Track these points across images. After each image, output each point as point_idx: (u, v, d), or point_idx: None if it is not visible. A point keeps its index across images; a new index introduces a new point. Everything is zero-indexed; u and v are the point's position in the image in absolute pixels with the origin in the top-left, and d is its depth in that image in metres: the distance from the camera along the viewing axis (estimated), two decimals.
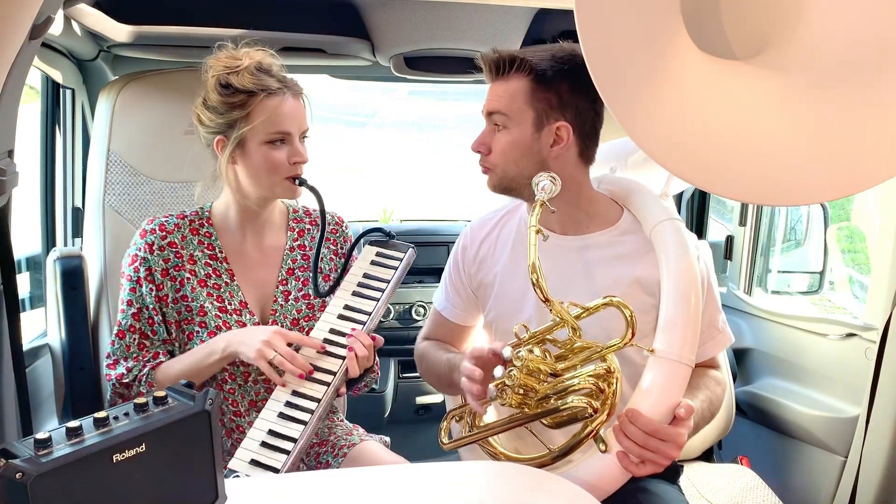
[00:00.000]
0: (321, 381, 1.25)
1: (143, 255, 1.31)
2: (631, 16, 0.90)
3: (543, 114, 1.24)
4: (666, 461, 1.08)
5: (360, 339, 1.27)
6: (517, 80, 1.25)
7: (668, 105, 0.91)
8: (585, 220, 1.33)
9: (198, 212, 1.39)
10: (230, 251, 1.38)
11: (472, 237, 1.44)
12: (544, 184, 1.17)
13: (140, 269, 1.31)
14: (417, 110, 6.64)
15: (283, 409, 1.23)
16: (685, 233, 1.27)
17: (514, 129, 1.26)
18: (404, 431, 2.27)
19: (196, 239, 1.36)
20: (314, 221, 1.47)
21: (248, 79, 1.26)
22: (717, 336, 1.32)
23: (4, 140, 1.06)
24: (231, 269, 1.36)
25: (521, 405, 1.13)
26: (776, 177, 0.93)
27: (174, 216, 1.37)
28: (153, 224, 1.34)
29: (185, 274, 1.33)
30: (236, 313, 1.34)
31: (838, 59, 0.95)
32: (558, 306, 1.11)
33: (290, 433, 1.20)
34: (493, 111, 1.27)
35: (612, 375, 1.10)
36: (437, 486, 1.03)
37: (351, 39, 1.90)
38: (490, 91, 1.29)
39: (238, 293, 1.36)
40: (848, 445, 1.70)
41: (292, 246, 1.43)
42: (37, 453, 0.72)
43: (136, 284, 1.31)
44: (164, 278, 1.32)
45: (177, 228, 1.35)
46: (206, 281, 1.34)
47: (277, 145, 1.28)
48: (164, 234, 1.33)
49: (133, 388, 1.30)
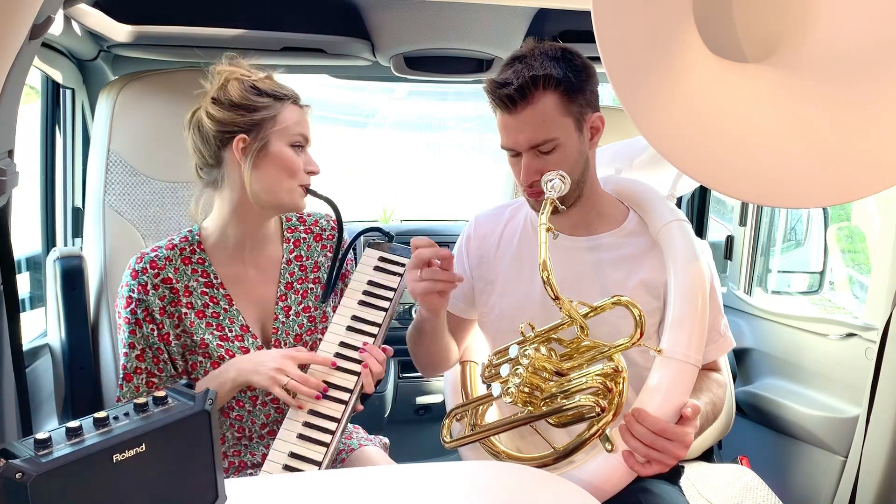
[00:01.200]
0: (338, 400, 1.22)
1: (138, 297, 1.26)
2: (645, 19, 0.91)
3: (580, 115, 1.22)
4: (672, 461, 1.08)
5: (373, 353, 1.24)
6: (544, 98, 1.18)
7: (679, 105, 0.92)
8: (596, 220, 1.32)
9: (187, 237, 1.33)
10: (226, 275, 1.33)
11: (476, 230, 1.43)
12: (554, 182, 1.17)
13: (137, 311, 1.26)
14: (417, 110, 6.64)
15: (301, 429, 1.20)
16: (692, 234, 1.27)
17: (564, 145, 1.21)
18: (404, 431, 2.27)
19: (189, 268, 1.31)
20: (309, 229, 1.44)
21: (271, 84, 1.28)
22: (718, 340, 1.32)
23: (4, 140, 1.06)
24: (228, 295, 1.32)
25: (527, 403, 1.13)
26: (785, 178, 0.94)
27: (163, 248, 1.30)
28: (143, 263, 1.27)
29: (182, 309, 1.29)
30: (238, 339, 1.31)
31: (848, 62, 0.96)
32: (568, 305, 1.11)
33: (313, 456, 1.18)
34: (537, 143, 1.20)
35: (619, 375, 1.11)
36: (437, 486, 1.03)
37: (351, 39, 1.90)
38: (516, 122, 1.20)
39: (238, 318, 1.32)
40: (848, 445, 1.70)
41: (289, 258, 1.39)
42: (37, 453, 0.72)
43: (136, 326, 1.27)
44: (163, 316, 1.28)
45: (168, 262, 1.29)
46: (204, 311, 1.30)
47: (298, 150, 1.29)
48: (156, 272, 1.27)
49: None
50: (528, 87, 1.17)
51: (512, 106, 1.19)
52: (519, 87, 1.17)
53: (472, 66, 2.00)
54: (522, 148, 1.21)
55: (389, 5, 1.79)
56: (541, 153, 1.21)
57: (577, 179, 1.24)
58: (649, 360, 1.21)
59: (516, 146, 1.22)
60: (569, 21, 1.88)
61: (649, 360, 1.21)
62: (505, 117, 1.21)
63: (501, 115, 1.22)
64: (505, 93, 1.18)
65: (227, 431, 1.34)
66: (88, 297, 1.59)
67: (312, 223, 1.44)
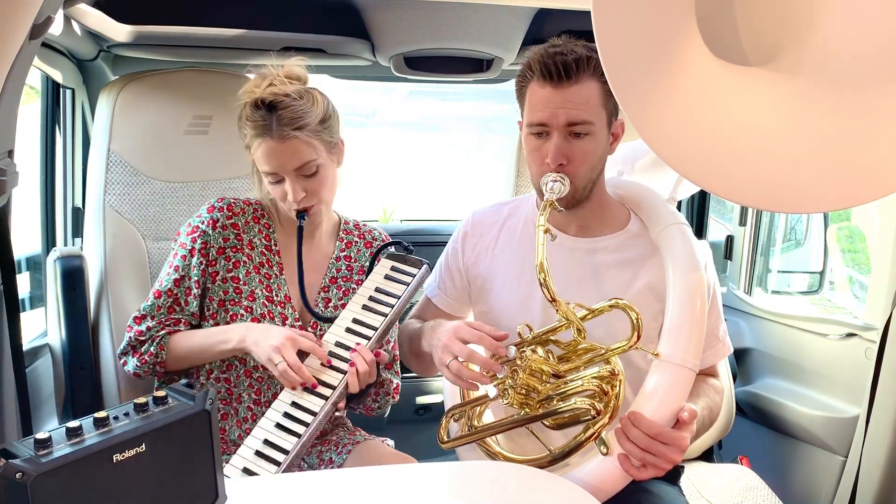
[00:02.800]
0: (321, 395, 1.25)
1: (204, 229, 1.34)
2: (647, 20, 0.90)
3: (612, 113, 1.21)
4: (668, 465, 1.08)
5: (362, 354, 1.26)
6: (589, 82, 1.16)
7: (679, 108, 0.92)
8: (599, 222, 1.32)
9: (261, 202, 1.42)
10: (283, 247, 1.41)
11: (474, 226, 1.42)
12: (554, 185, 1.17)
13: (197, 241, 1.34)
14: (417, 110, 6.64)
15: (280, 419, 1.24)
16: (692, 238, 1.27)
17: (595, 135, 1.19)
18: (404, 431, 2.26)
19: (257, 227, 1.40)
20: (362, 235, 1.49)
21: (244, 117, 1.29)
22: (716, 345, 1.31)
23: (4, 140, 1.06)
24: (281, 263, 1.40)
25: (523, 405, 1.13)
26: (786, 183, 0.93)
27: (241, 200, 1.40)
28: (222, 203, 1.37)
29: (241, 257, 1.36)
30: (280, 305, 1.37)
31: (851, 66, 0.95)
32: (565, 307, 1.11)
33: (283, 444, 1.21)
34: (576, 121, 1.16)
35: (615, 378, 1.10)
36: (437, 486, 1.03)
37: (351, 39, 1.90)
38: (560, 96, 1.16)
39: (284, 287, 1.39)
40: (848, 445, 1.70)
41: (339, 256, 1.46)
42: (37, 453, 0.72)
43: (189, 254, 1.34)
44: (220, 256, 1.35)
45: (242, 212, 1.39)
46: (260, 269, 1.37)
47: (276, 179, 1.30)
48: (229, 215, 1.37)
49: (145, 345, 1.33)
50: (582, 63, 1.15)
51: (559, 78, 1.15)
52: (576, 59, 1.15)
53: (472, 66, 2.00)
54: (560, 124, 1.17)
55: (389, 5, 1.79)
56: (573, 136, 1.18)
57: (593, 178, 1.23)
58: (649, 363, 1.21)
59: (553, 121, 1.17)
60: (569, 21, 1.87)
61: (649, 363, 1.21)
62: (546, 90, 1.17)
63: (542, 88, 1.17)
64: (561, 60, 1.14)
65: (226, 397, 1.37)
66: (88, 297, 1.59)
67: (367, 231, 1.51)
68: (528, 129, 1.22)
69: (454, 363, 1.12)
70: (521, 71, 1.22)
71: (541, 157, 1.20)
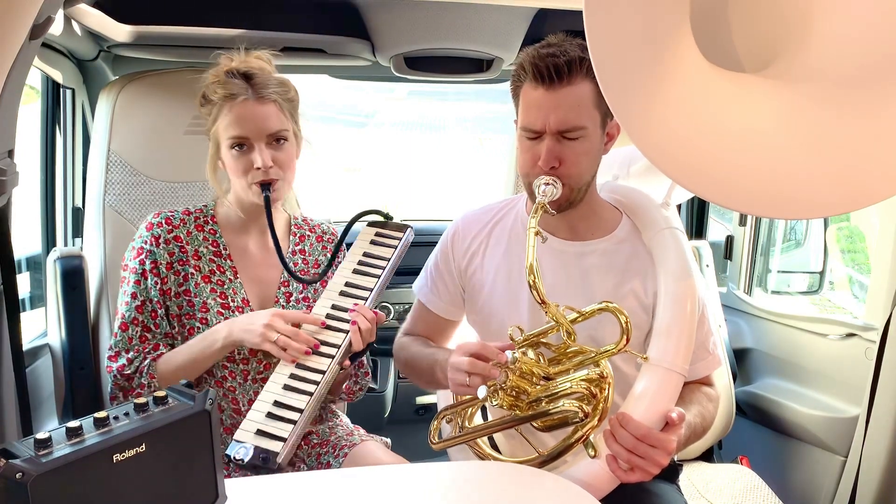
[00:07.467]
0: (325, 354, 1.25)
1: (149, 248, 1.32)
2: (640, 25, 0.89)
3: (606, 114, 1.20)
4: (655, 469, 1.07)
5: (362, 312, 1.28)
6: (582, 84, 1.15)
7: (672, 114, 0.91)
8: (590, 226, 1.31)
9: (201, 209, 1.40)
10: (234, 249, 1.38)
11: (464, 229, 1.40)
12: (545, 187, 1.16)
13: (146, 262, 1.31)
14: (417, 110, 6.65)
15: (287, 381, 1.23)
16: (686, 243, 1.27)
17: (588, 137, 1.18)
18: (404, 431, 2.26)
19: (201, 235, 1.37)
20: (312, 230, 1.49)
21: (214, 83, 1.29)
22: (707, 358, 1.29)
23: (4, 140, 1.06)
24: (234, 267, 1.37)
25: (513, 407, 1.13)
26: (780, 190, 0.92)
27: (179, 211, 1.37)
28: (159, 217, 1.35)
29: (189, 269, 1.33)
30: (238, 310, 1.35)
31: (846, 72, 0.95)
32: (554, 309, 1.11)
33: (296, 404, 1.20)
34: (567, 127, 1.15)
35: (604, 381, 1.10)
36: (436, 486, 1.03)
37: (351, 39, 1.90)
38: (552, 99, 1.15)
39: (241, 290, 1.36)
40: (848, 445, 1.70)
41: (294, 250, 1.44)
42: (37, 453, 0.72)
43: (141, 277, 1.31)
44: (169, 272, 1.32)
45: (182, 223, 1.36)
46: (210, 277, 1.35)
47: (242, 150, 1.28)
48: (169, 228, 1.34)
49: (134, 380, 1.29)
50: (574, 64, 1.13)
51: (551, 80, 1.14)
52: (568, 61, 1.13)
53: (473, 66, 2.01)
54: (551, 129, 1.16)
55: (389, 5, 1.79)
56: (565, 139, 1.17)
57: (587, 179, 1.23)
58: (636, 368, 1.20)
59: (545, 126, 1.16)
60: (569, 21, 1.87)
61: (636, 368, 1.20)
62: (539, 92, 1.16)
63: (534, 91, 1.16)
64: (553, 62, 1.13)
65: (221, 401, 1.36)
66: (88, 297, 1.59)
67: (315, 226, 1.51)
68: (522, 131, 1.22)
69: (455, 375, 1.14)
70: (515, 71, 1.21)
71: (533, 158, 1.20)
